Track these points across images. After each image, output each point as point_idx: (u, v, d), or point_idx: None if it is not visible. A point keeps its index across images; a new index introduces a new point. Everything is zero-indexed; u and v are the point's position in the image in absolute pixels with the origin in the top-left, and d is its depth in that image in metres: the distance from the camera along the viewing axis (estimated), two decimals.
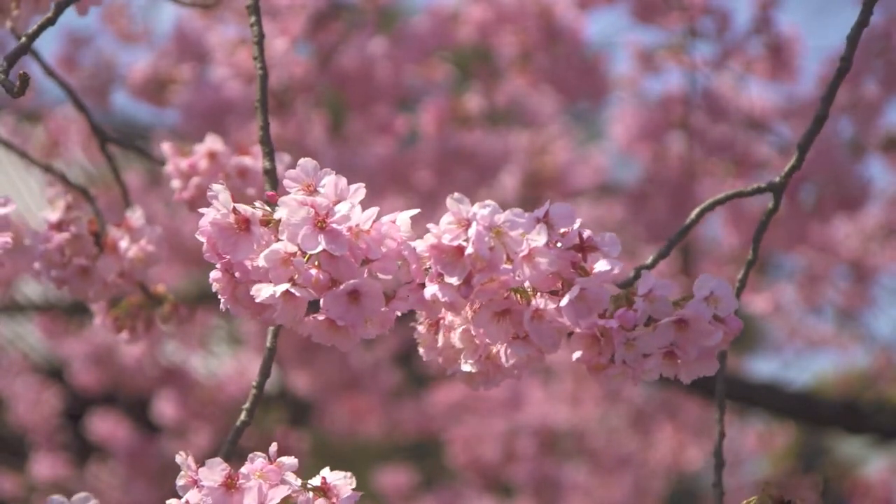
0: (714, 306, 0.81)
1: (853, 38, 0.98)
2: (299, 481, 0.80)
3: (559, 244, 0.78)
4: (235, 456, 0.85)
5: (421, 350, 0.88)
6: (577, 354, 0.82)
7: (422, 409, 3.73)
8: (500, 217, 0.77)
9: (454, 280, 0.77)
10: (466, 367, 0.84)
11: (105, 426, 3.62)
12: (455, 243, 0.77)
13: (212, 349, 4.02)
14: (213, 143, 1.19)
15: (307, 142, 2.52)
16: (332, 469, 0.81)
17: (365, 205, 0.78)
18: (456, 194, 0.78)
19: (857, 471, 4.87)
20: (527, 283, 0.79)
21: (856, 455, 5.24)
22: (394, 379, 3.46)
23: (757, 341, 5.50)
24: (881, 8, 2.46)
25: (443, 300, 0.78)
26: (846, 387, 4.07)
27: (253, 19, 0.99)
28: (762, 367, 6.11)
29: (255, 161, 1.18)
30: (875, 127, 2.67)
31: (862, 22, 0.98)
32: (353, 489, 0.80)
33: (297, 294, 0.77)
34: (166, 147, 1.21)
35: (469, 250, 0.76)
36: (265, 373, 0.94)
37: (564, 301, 0.78)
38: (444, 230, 0.77)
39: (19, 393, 3.77)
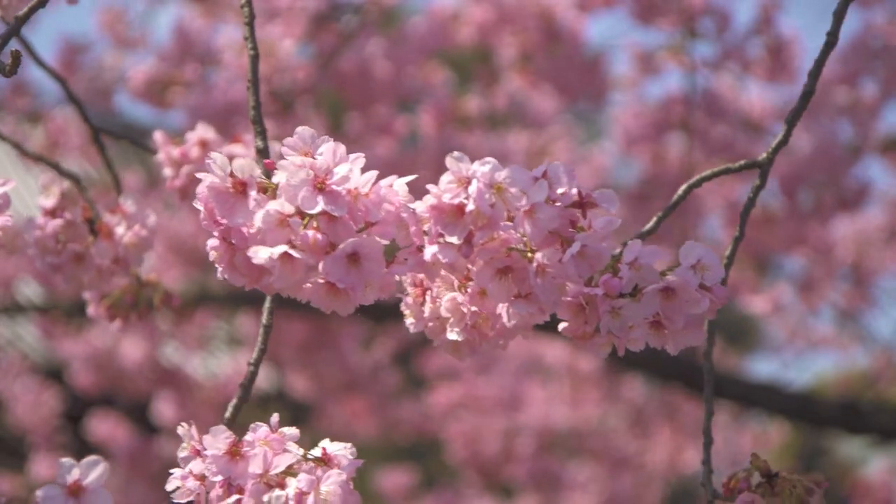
0: (701, 274, 0.81)
1: (839, 13, 0.98)
2: (301, 451, 0.80)
3: (558, 203, 0.78)
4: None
5: (408, 321, 0.87)
6: (563, 325, 0.82)
7: (421, 409, 3.73)
8: (501, 174, 0.77)
9: (455, 239, 0.77)
10: (453, 335, 0.83)
11: (104, 427, 3.62)
12: (455, 201, 0.76)
13: (211, 350, 4.02)
14: (204, 131, 1.19)
15: None
16: None
17: None
18: (455, 153, 0.77)
19: (857, 471, 4.86)
20: (524, 245, 0.79)
21: (856, 455, 5.24)
22: (393, 380, 3.46)
23: (757, 342, 5.50)
24: (881, 10, 2.46)
25: (443, 261, 0.77)
26: (846, 387, 4.07)
27: (244, 0, 0.99)
28: (762, 368, 6.11)
29: (246, 149, 1.18)
30: (874, 129, 2.67)
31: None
32: (353, 487, 0.81)
33: (296, 255, 0.76)
34: (158, 136, 1.20)
35: (470, 207, 0.76)
36: (263, 349, 0.93)
37: (566, 257, 0.77)
38: (444, 189, 0.77)
39: (19, 394, 3.77)
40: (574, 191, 0.79)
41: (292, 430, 0.80)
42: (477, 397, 3.65)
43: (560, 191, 0.78)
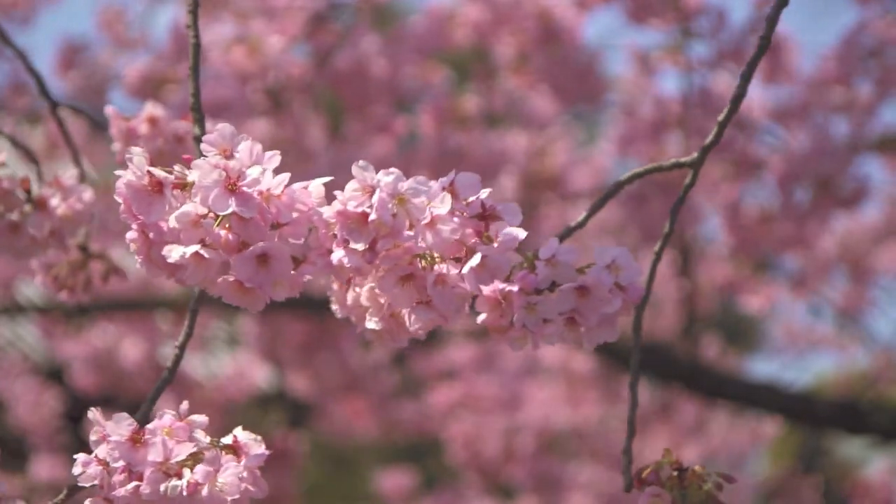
0: (616, 274, 0.83)
1: (772, 18, 1.01)
2: (208, 438, 0.81)
3: (464, 213, 0.80)
4: None
5: (334, 307, 0.90)
6: (481, 317, 0.85)
7: (421, 409, 3.74)
8: (404, 185, 0.79)
9: (359, 246, 0.79)
10: (371, 324, 0.86)
11: None
12: (360, 210, 0.79)
13: (211, 350, 4.02)
14: (153, 108, 1.22)
15: (305, 142, 2.52)
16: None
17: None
18: (361, 162, 0.80)
19: (857, 472, 4.86)
20: (430, 252, 0.81)
21: (856, 456, 5.24)
22: (393, 380, 3.46)
23: (757, 342, 5.51)
24: (875, 8, 2.46)
25: (348, 265, 0.80)
26: (846, 388, 4.07)
27: None
28: (762, 368, 6.11)
29: (192, 127, 1.20)
30: (870, 127, 2.67)
31: (782, 2, 1.00)
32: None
33: (207, 256, 0.78)
34: (109, 110, 1.23)
35: (372, 216, 0.78)
36: (189, 333, 0.96)
37: (466, 268, 0.80)
38: (349, 197, 0.79)
39: (19, 394, 3.77)
40: (479, 202, 0.81)
41: (200, 418, 0.82)
42: (477, 397, 3.65)
43: (467, 200, 0.80)
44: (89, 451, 0.83)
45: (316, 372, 3.24)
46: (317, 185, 0.81)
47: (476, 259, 0.79)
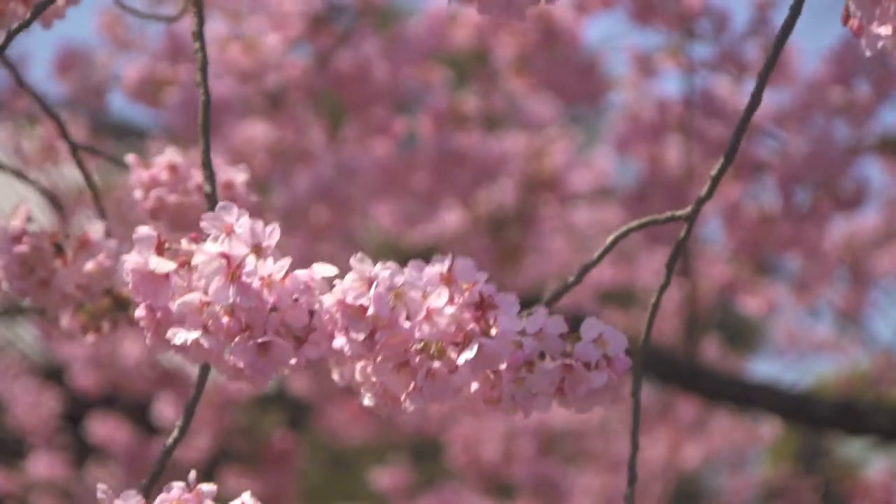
0: (602, 348, 0.85)
1: (763, 76, 0.99)
2: None
3: (461, 299, 0.83)
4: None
5: (334, 375, 0.94)
6: (473, 387, 0.87)
7: (421, 410, 3.73)
8: (401, 279, 0.82)
9: (359, 336, 0.82)
10: (366, 400, 0.90)
11: (104, 428, 3.61)
12: (358, 302, 0.81)
13: None
14: (172, 155, 1.22)
15: (305, 145, 2.52)
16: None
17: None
18: (359, 254, 0.82)
19: (857, 472, 4.86)
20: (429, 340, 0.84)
21: (856, 457, 5.24)
22: None
23: (757, 343, 5.51)
24: None
25: (348, 353, 0.83)
26: (847, 389, 4.07)
27: (197, 45, 1.01)
28: (763, 370, 6.11)
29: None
30: (870, 129, 2.67)
31: (781, 41, 0.99)
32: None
33: (206, 345, 0.80)
34: (131, 158, 1.23)
35: (371, 311, 0.81)
36: (194, 403, 0.94)
37: (461, 360, 0.82)
38: (348, 288, 0.82)
39: (18, 395, 3.77)
40: (476, 291, 0.83)
41: (210, 487, 0.81)
42: (476, 398, 3.65)
43: (464, 286, 0.83)
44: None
45: (316, 372, 3.24)
46: (320, 272, 0.83)
47: (472, 351, 0.81)
